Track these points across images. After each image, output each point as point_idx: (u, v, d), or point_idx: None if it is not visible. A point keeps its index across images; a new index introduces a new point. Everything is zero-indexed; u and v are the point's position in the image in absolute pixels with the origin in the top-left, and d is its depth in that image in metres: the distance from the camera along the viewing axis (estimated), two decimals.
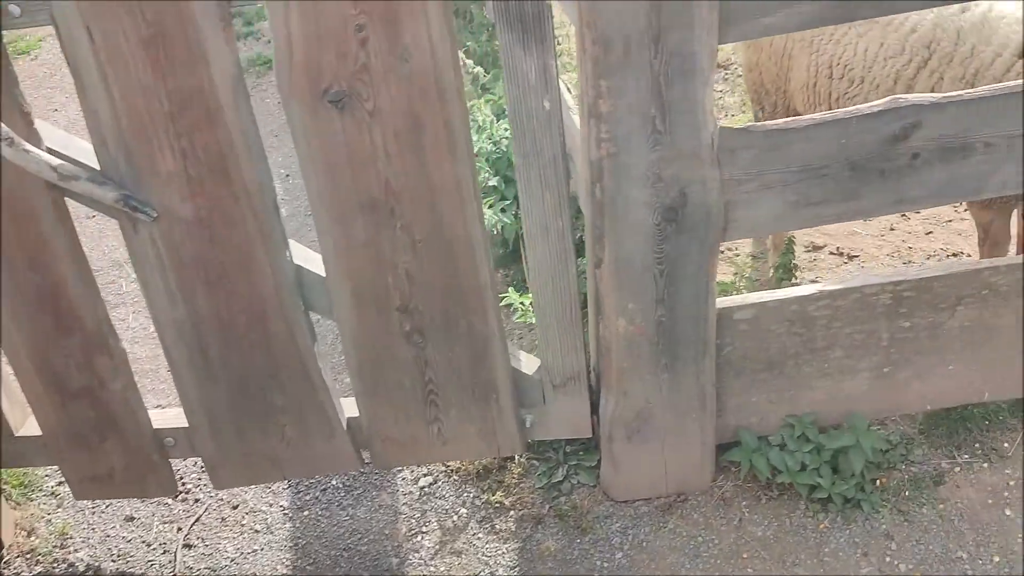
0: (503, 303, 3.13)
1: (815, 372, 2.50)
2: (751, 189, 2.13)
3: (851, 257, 3.64)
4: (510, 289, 3.00)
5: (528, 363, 2.47)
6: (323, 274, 2.22)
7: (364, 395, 2.42)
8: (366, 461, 2.58)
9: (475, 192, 2.07)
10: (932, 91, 2.83)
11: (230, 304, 2.22)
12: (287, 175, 4.55)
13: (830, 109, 3.13)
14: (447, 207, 2.08)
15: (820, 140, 2.08)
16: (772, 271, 3.17)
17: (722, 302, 2.36)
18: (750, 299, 2.37)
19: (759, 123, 2.07)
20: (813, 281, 3.44)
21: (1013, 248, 3.43)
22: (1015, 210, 2.95)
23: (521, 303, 3.03)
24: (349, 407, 2.51)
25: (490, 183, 3.45)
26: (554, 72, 1.97)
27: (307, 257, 2.27)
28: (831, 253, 3.66)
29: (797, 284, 3.39)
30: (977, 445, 2.63)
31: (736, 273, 3.40)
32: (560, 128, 2.05)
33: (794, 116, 3.55)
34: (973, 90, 2.07)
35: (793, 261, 3.04)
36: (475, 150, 3.57)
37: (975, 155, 2.13)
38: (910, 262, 3.59)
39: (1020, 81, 2.06)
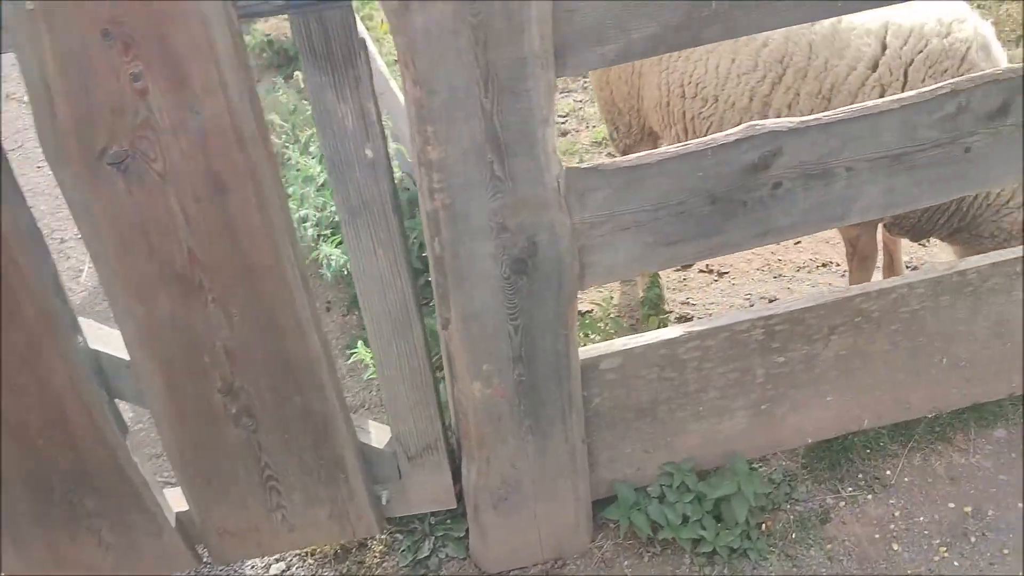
0: (351, 359, 2.86)
1: (690, 416, 2.33)
2: (606, 232, 1.94)
3: (721, 274, 3.53)
4: (360, 343, 2.73)
5: (379, 435, 2.22)
6: (127, 358, 1.91)
7: (192, 486, 2.11)
8: (204, 559, 2.27)
9: (295, 257, 1.81)
10: (789, 108, 2.72)
11: (18, 405, 1.89)
12: (62, 240, 4.13)
13: (686, 129, 2.99)
14: (265, 276, 1.81)
15: (676, 175, 1.90)
16: (640, 305, 3.00)
17: (586, 352, 2.17)
18: (615, 346, 2.18)
19: (609, 161, 1.87)
20: (682, 317, 3.30)
21: (880, 261, 3.37)
22: (880, 224, 2.88)
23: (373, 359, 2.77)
24: (177, 500, 2.20)
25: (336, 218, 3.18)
26: (375, 116, 1.72)
27: (107, 339, 1.96)
28: (700, 271, 3.54)
29: (667, 314, 3.24)
30: (860, 475, 2.52)
31: (604, 300, 3.23)
32: (388, 177, 1.81)
33: (651, 134, 3.43)
34: (831, 112, 1.93)
35: (659, 293, 2.88)
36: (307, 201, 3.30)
37: (838, 181, 2.00)
38: (780, 276, 3.50)
39: (877, 100, 1.94)
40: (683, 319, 3.38)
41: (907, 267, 3.49)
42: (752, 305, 3.45)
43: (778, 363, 2.30)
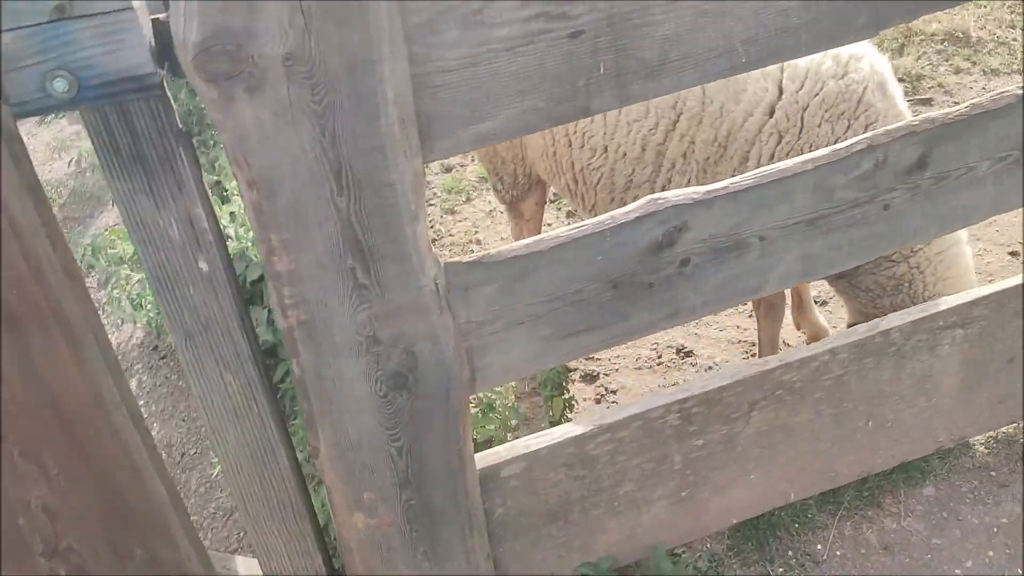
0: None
1: (606, 512, 2.09)
2: (497, 329, 1.67)
3: None
4: None
5: (248, 572, 1.90)
6: None
7: None
8: None
9: (122, 396, 1.48)
10: (684, 157, 2.52)
11: None
12: None
13: (575, 179, 2.77)
14: (84, 421, 1.47)
15: (571, 261, 1.65)
16: (541, 386, 2.74)
17: (484, 459, 1.90)
18: (517, 450, 1.91)
19: (494, 252, 1.61)
20: (587, 376, 3.07)
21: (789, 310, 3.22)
22: None
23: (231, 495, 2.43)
24: None
25: None
26: (205, 224, 1.41)
27: None
28: None
29: (572, 371, 3.01)
30: (790, 552, 2.32)
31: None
32: (231, 289, 1.50)
33: (539, 183, 3.19)
34: (740, 179, 1.71)
35: (561, 369, 2.64)
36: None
37: (751, 251, 1.79)
38: (696, 334, 3.31)
39: (788, 163, 1.73)
40: (588, 377, 3.15)
41: (815, 302, 3.35)
42: (659, 356, 3.25)
43: (697, 447, 2.07)
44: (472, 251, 4.01)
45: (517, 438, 2.03)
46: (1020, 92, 1.84)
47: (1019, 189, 1.97)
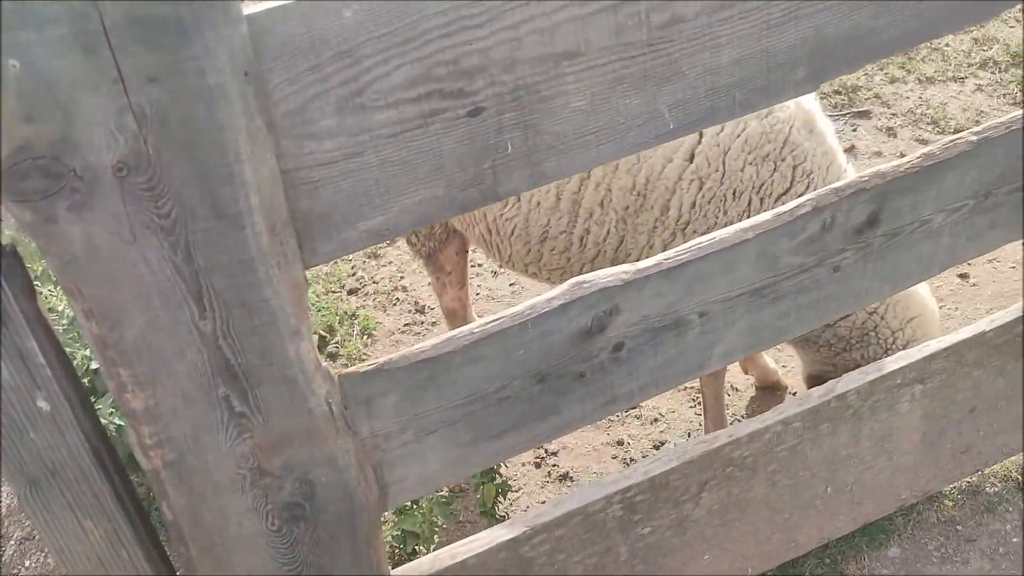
0: None
1: None
2: (408, 440, 1.46)
3: None
4: None
5: None
6: None
7: None
8: None
9: None
10: (601, 205, 2.34)
11: None
12: None
13: (489, 229, 2.57)
14: None
15: (489, 359, 1.45)
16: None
17: (404, 574, 1.68)
18: (442, 562, 1.70)
19: (399, 356, 1.40)
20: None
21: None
22: None
23: None
24: None
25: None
26: (42, 357, 1.18)
27: None
28: None
29: (503, 484, 2.77)
30: None
31: None
32: (87, 426, 1.27)
33: (455, 232, 2.98)
34: (675, 253, 1.53)
35: (495, 468, 2.43)
36: None
37: (690, 329, 1.60)
38: None
39: (727, 233, 1.55)
40: None
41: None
42: None
43: (643, 535, 1.88)
44: (397, 300, 3.76)
45: (445, 542, 1.82)
46: (974, 139, 1.68)
47: (977, 238, 1.82)
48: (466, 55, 1.19)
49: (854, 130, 4.80)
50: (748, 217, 2.34)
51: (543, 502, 2.91)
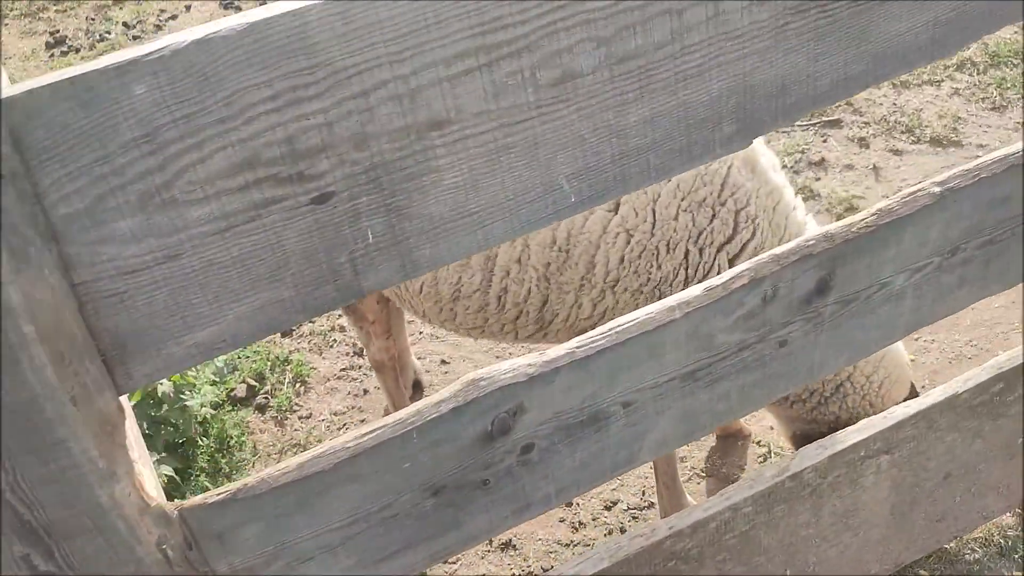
0: None
1: None
2: (279, 571, 1.24)
3: None
4: None
5: None
6: None
7: None
8: None
9: None
10: (519, 262, 2.12)
11: None
12: None
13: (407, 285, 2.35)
14: None
15: (368, 476, 1.23)
16: None
17: None
18: None
19: (257, 481, 1.18)
20: None
21: None
22: None
23: None
24: None
25: None
26: None
27: None
28: None
29: None
30: None
31: None
32: None
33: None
34: (587, 339, 1.31)
35: None
36: None
37: (614, 422, 1.39)
38: None
39: (650, 313, 1.33)
40: None
41: None
42: None
43: None
44: (334, 341, 3.53)
45: None
46: (937, 191, 1.46)
47: (945, 298, 1.61)
48: (303, 132, 0.97)
49: (824, 141, 4.60)
50: (686, 271, 2.13)
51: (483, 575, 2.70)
